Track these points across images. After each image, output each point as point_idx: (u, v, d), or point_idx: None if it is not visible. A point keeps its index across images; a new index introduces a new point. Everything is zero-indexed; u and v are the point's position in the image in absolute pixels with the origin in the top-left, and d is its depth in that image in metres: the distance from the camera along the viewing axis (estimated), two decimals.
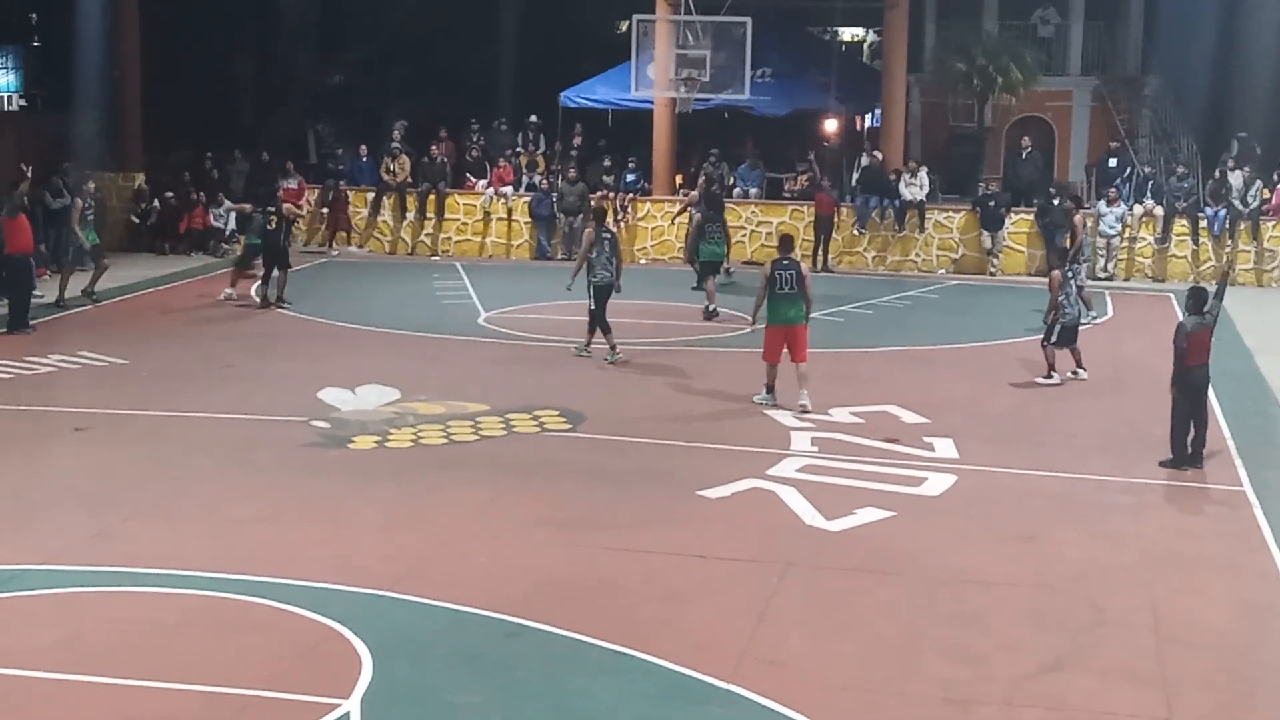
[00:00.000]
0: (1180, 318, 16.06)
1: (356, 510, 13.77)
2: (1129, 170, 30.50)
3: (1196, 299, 15.54)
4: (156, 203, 30.85)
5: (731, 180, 31.62)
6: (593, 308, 20.20)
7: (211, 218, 30.70)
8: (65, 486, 14.36)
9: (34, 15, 38.68)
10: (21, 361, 19.87)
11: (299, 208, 27.31)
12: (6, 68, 39.04)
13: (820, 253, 29.44)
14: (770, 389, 17.76)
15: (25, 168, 22.37)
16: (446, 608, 11.25)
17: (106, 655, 10.28)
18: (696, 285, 25.60)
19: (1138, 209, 29.13)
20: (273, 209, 24.76)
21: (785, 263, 17.64)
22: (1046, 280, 18.90)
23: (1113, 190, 29.18)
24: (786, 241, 18.42)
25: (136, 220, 30.89)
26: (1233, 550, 13.07)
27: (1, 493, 14.14)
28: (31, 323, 22.15)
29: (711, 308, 24.03)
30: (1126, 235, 29.13)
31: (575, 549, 12.76)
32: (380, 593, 11.52)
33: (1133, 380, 19.88)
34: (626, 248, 30.39)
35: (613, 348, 20.24)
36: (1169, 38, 33.75)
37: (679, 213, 29.99)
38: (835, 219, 29.84)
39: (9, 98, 38.81)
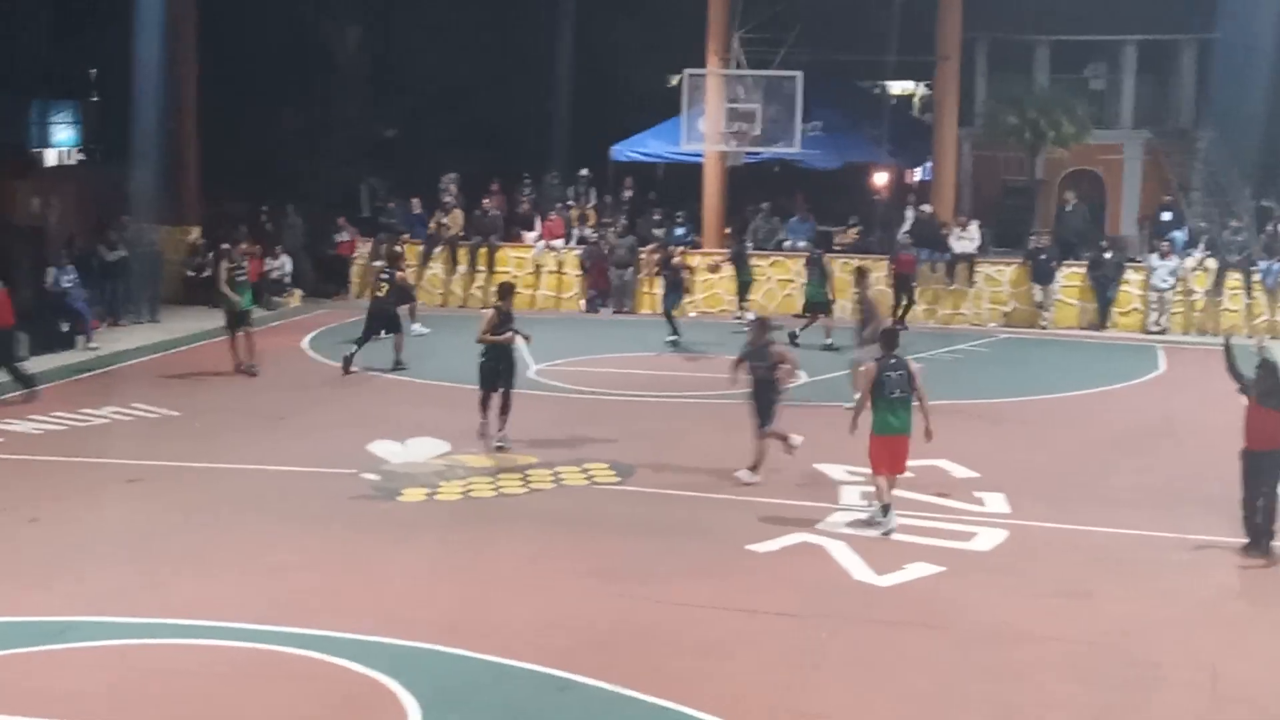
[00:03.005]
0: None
1: (405, 563, 13.80)
2: (1182, 224, 30.35)
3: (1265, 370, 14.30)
4: (211, 255, 31.12)
5: (782, 233, 31.67)
6: None
7: (265, 269, 30.94)
8: (118, 537, 14.47)
9: (93, 70, 39.21)
10: (77, 413, 20.07)
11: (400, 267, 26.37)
12: (66, 122, 39.53)
13: (899, 311, 28.83)
14: (888, 507, 15.02)
15: None
16: (494, 661, 11.25)
17: (155, 706, 10.34)
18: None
19: (1189, 261, 28.96)
20: (387, 275, 24.14)
21: (893, 362, 15.01)
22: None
23: (1165, 244, 29.05)
24: (890, 336, 15.53)
25: (192, 273, 31.17)
26: None
27: (56, 544, 14.26)
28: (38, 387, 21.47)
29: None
30: (1180, 289, 28.94)
31: (623, 602, 12.74)
32: (428, 645, 11.53)
33: (1185, 435, 19.73)
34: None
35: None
36: (1222, 91, 33.62)
37: (714, 269, 30.27)
38: (916, 278, 29.47)
39: (68, 151, 39.27)
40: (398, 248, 27.45)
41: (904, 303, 28.94)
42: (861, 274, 22.51)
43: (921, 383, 15.07)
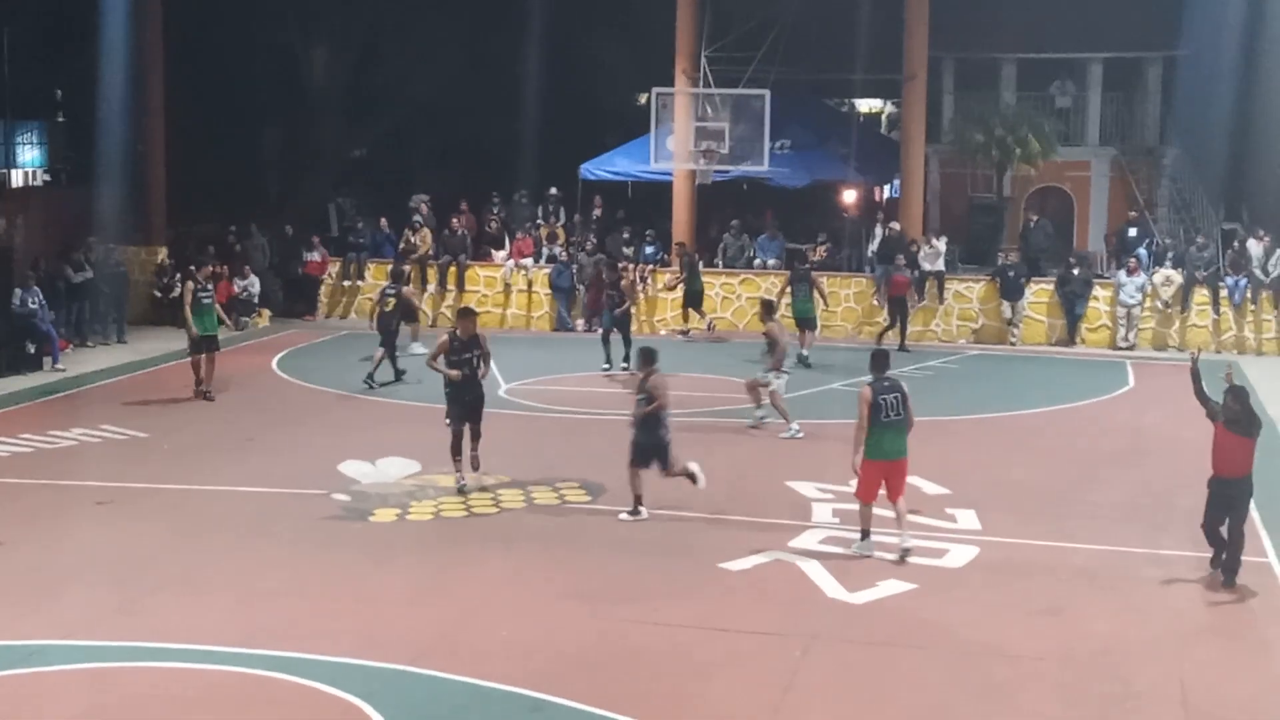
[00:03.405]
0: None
1: (378, 584, 13.74)
2: (1148, 240, 30.53)
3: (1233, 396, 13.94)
4: (179, 276, 30.99)
5: (752, 251, 31.73)
6: None
7: (236, 289, 30.80)
8: (88, 560, 14.36)
9: (59, 91, 39.06)
10: (44, 435, 19.93)
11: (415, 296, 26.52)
12: (32, 143, 39.37)
13: (896, 333, 28.42)
14: (868, 533, 14.79)
15: None
16: (469, 682, 11.21)
17: None
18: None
19: (1158, 277, 29.10)
20: (393, 291, 24.63)
21: (887, 384, 14.64)
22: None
23: (1133, 260, 29.20)
24: (881, 359, 15.01)
25: (159, 294, 31.02)
26: (1261, 624, 12.97)
27: (25, 567, 14.15)
28: None
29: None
30: (1147, 305, 29.08)
31: (597, 622, 12.70)
32: (402, 667, 11.48)
33: (1155, 450, 19.80)
34: (646, 319, 30.49)
35: None
36: (1187, 108, 33.88)
37: (671, 287, 30.40)
38: (910, 300, 28.99)
39: (34, 172, 39.11)
40: (405, 266, 27.98)
41: (898, 324, 28.46)
42: (768, 308, 21.98)
43: (912, 406, 14.76)
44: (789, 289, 27.19)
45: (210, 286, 23.33)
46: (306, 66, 37.29)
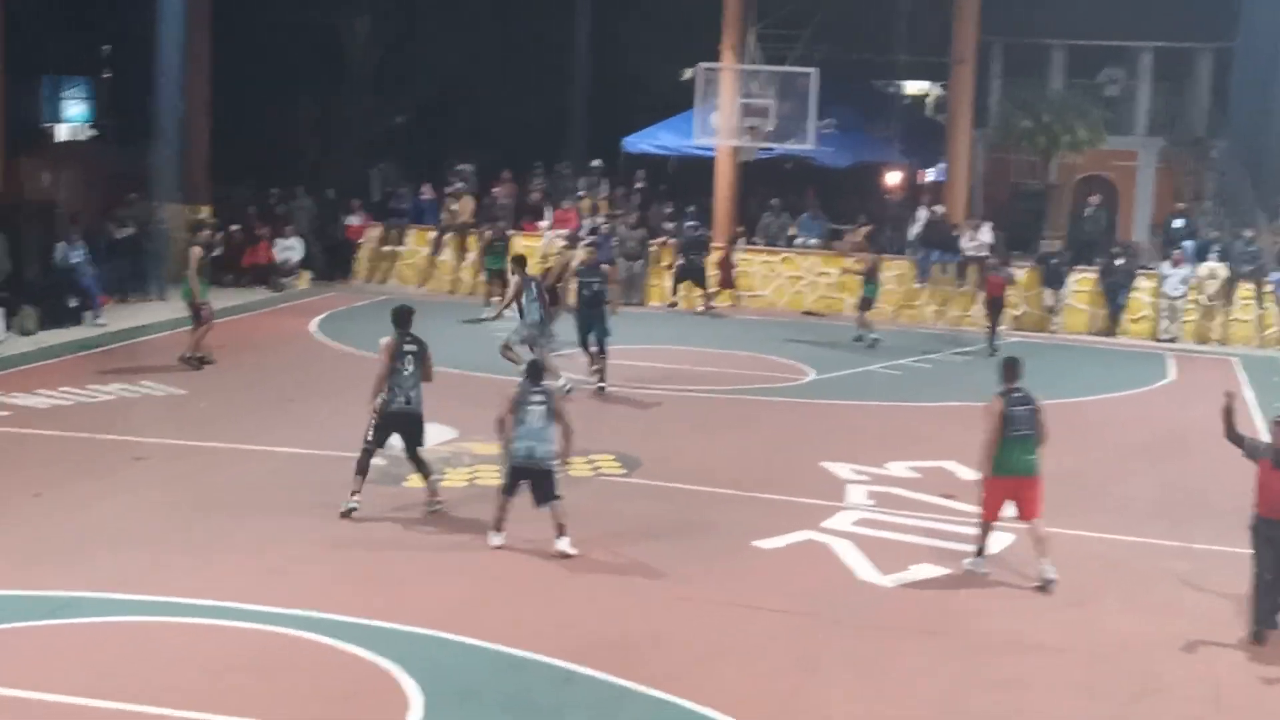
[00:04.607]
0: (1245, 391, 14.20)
1: (410, 549, 13.78)
2: (1194, 232, 30.30)
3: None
4: (221, 235, 31.08)
5: (793, 230, 31.65)
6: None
7: (275, 253, 30.89)
8: (121, 516, 14.46)
9: (106, 47, 39.17)
10: (83, 389, 20.05)
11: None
12: (78, 98, 39.49)
13: (989, 335, 26.88)
14: (983, 550, 13.88)
15: None
16: (498, 650, 11.24)
17: (157, 686, 10.31)
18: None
19: (1202, 270, 28.88)
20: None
21: (1018, 394, 13.68)
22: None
23: (1177, 252, 28.97)
24: (1013, 367, 13.94)
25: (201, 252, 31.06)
26: None
27: (61, 519, 14.25)
28: None
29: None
30: (1191, 298, 28.87)
31: (628, 595, 12.72)
32: (432, 633, 11.52)
33: (1194, 444, 19.66)
34: (686, 294, 30.44)
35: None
36: (1238, 100, 33.60)
37: (854, 271, 28.43)
38: (1004, 300, 27.34)
39: (79, 128, 39.24)
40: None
41: (994, 323, 26.85)
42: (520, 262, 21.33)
43: (1044, 419, 13.73)
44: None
45: (216, 253, 23.33)
46: (348, 36, 37.28)
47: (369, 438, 14.88)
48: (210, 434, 17.83)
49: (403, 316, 15.24)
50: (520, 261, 21.50)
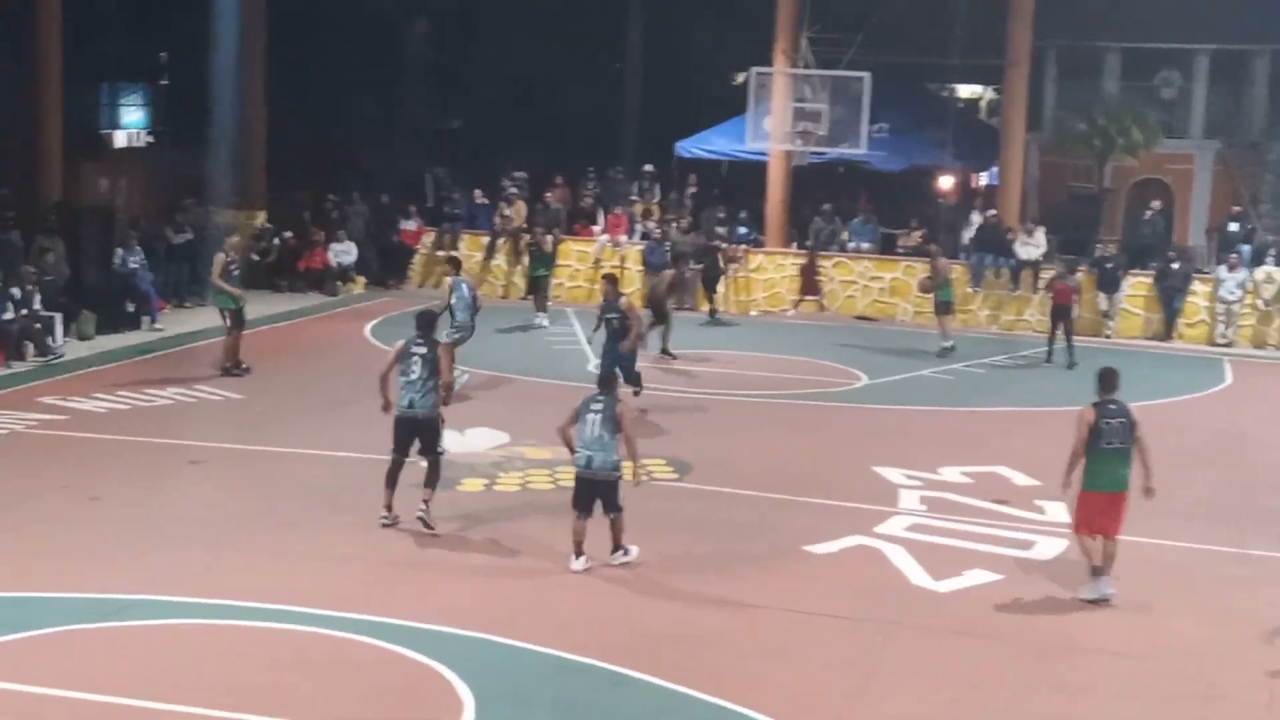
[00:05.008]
0: None
1: (463, 552, 13.84)
2: (1250, 235, 30.01)
3: None
4: (276, 240, 31.31)
5: (845, 234, 31.57)
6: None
7: (330, 257, 31.06)
8: (178, 519, 14.58)
9: (164, 54, 39.53)
10: (141, 393, 20.24)
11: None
12: (136, 105, 39.87)
13: (1054, 344, 25.69)
14: (1099, 569, 13.14)
15: None
16: (550, 653, 11.27)
17: (211, 687, 10.40)
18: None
19: (1259, 274, 28.61)
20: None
21: (1113, 406, 13.16)
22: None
23: (1234, 256, 28.71)
24: (1110, 378, 13.42)
25: (256, 258, 31.31)
26: None
27: (118, 522, 14.40)
28: None
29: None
30: (1248, 302, 28.60)
31: (679, 599, 12.72)
32: (484, 636, 11.57)
33: (1250, 449, 19.53)
34: (737, 299, 30.41)
35: None
36: None
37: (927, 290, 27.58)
38: (1074, 310, 26.04)
39: (137, 134, 39.61)
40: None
41: (1062, 332, 25.67)
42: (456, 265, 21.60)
43: (1143, 432, 13.20)
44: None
45: (239, 258, 22.58)
46: (406, 35, 37.48)
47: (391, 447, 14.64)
48: (265, 438, 17.96)
49: (421, 319, 15.01)
50: (454, 263, 22.09)
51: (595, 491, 13.42)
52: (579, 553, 13.36)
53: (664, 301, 23.77)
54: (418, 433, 14.52)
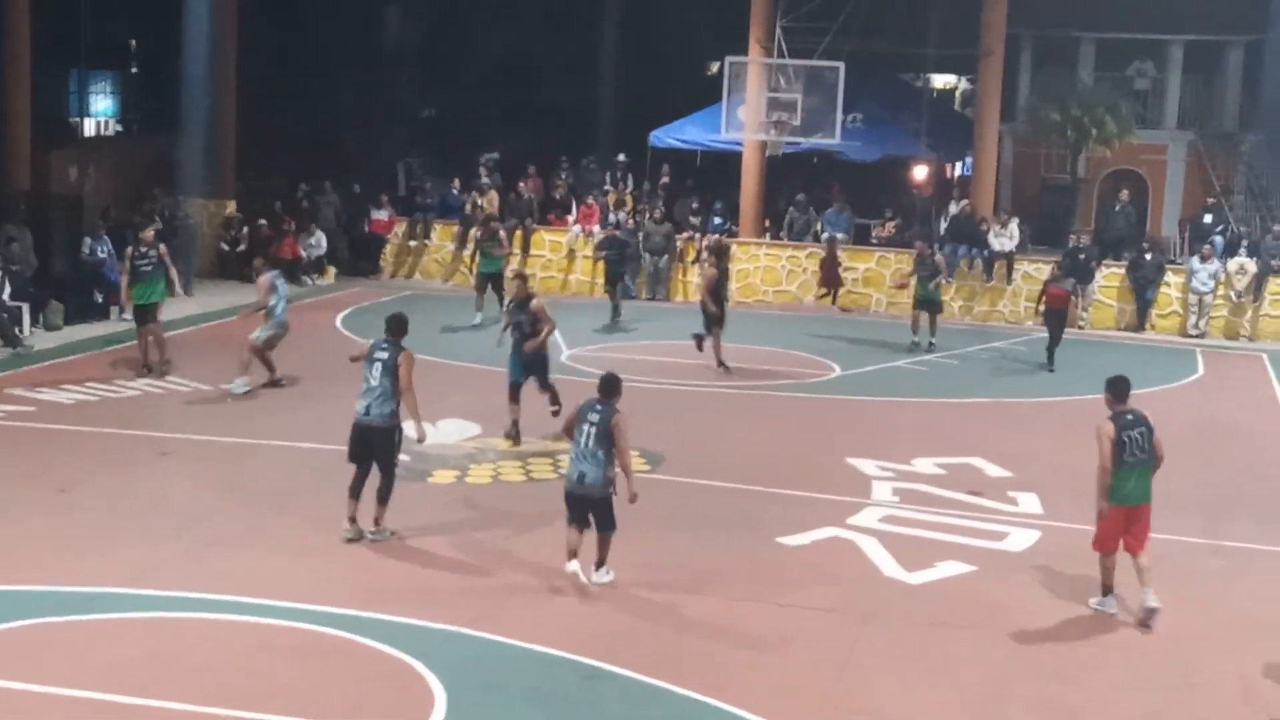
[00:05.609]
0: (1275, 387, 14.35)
1: (435, 545, 13.74)
2: (1224, 227, 30.09)
3: None
4: (246, 230, 31.12)
5: (819, 225, 31.53)
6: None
7: (301, 248, 30.88)
8: (148, 510, 14.47)
9: (133, 41, 39.31)
10: (110, 384, 20.08)
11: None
12: (105, 93, 39.64)
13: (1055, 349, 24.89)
14: (1110, 589, 12.77)
15: None
16: (523, 647, 11.20)
17: (184, 680, 10.29)
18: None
19: (1232, 265, 28.66)
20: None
21: (1130, 417, 12.60)
22: None
23: (1207, 247, 28.77)
24: (1122, 387, 12.91)
25: (226, 247, 31.16)
26: None
27: (88, 514, 14.27)
28: None
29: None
30: (1220, 293, 28.66)
31: (654, 592, 12.65)
32: (456, 629, 11.49)
33: (1223, 440, 19.54)
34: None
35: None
36: (1269, 94, 33.36)
37: (898, 287, 27.88)
38: (1068, 313, 25.38)
39: (106, 122, 39.38)
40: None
41: (1055, 337, 25.00)
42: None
43: (1159, 440, 12.73)
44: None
45: (152, 252, 21.07)
46: (381, 24, 37.33)
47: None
48: (235, 429, 17.83)
49: (390, 323, 14.15)
50: (271, 261, 21.77)
51: (587, 509, 12.61)
52: (572, 555, 12.63)
53: (709, 302, 22.46)
54: (371, 442, 13.69)
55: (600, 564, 12.75)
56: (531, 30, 36.86)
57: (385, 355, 13.77)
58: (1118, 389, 12.79)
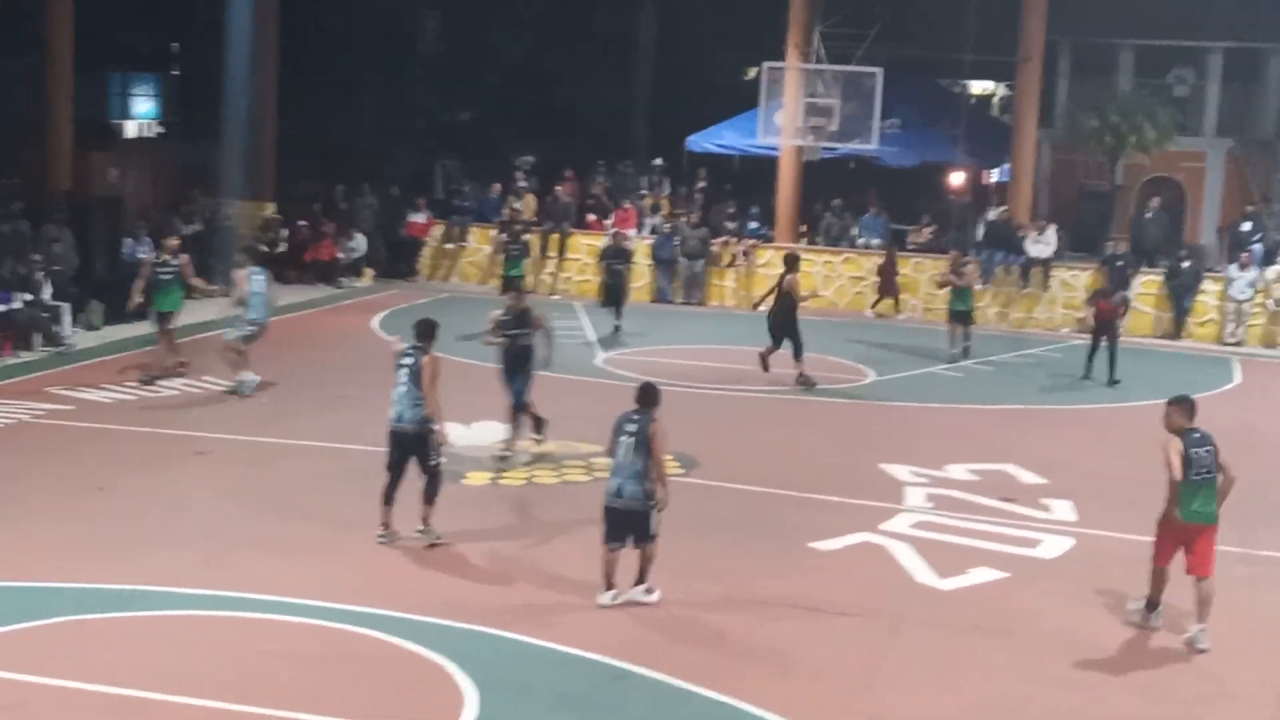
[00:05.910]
0: None
1: (467, 546, 13.81)
2: (1262, 235, 29.92)
3: None
4: (285, 232, 31.29)
5: (855, 230, 31.51)
6: None
7: (339, 250, 31.03)
8: (183, 509, 14.59)
9: (175, 45, 39.59)
10: (148, 385, 20.21)
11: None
12: (146, 95, 39.92)
13: (1094, 359, 23.88)
14: (1156, 604, 12.56)
15: None
16: (553, 648, 11.25)
17: (212, 680, 10.38)
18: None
19: (1270, 273, 28.50)
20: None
21: (1198, 435, 12.33)
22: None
23: (1245, 254, 28.61)
24: (1188, 404, 12.58)
25: (265, 249, 31.29)
26: None
27: (124, 513, 14.39)
28: None
29: None
30: (1258, 301, 28.49)
31: (684, 595, 12.68)
32: (487, 630, 11.55)
33: (1258, 449, 19.42)
34: (747, 294, 30.35)
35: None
36: None
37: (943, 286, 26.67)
38: (1117, 325, 24.12)
39: (147, 124, 39.65)
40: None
41: (1105, 348, 23.86)
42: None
43: (1226, 459, 12.40)
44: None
45: (174, 261, 21.06)
46: (417, 28, 37.48)
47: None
48: (272, 430, 17.94)
49: (418, 328, 14.05)
50: (252, 254, 21.68)
51: (626, 522, 12.30)
52: (609, 585, 12.35)
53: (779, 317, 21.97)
54: (406, 447, 13.72)
55: (640, 580, 12.49)
56: (567, 35, 36.95)
57: (411, 360, 13.74)
58: (1185, 407, 12.52)
